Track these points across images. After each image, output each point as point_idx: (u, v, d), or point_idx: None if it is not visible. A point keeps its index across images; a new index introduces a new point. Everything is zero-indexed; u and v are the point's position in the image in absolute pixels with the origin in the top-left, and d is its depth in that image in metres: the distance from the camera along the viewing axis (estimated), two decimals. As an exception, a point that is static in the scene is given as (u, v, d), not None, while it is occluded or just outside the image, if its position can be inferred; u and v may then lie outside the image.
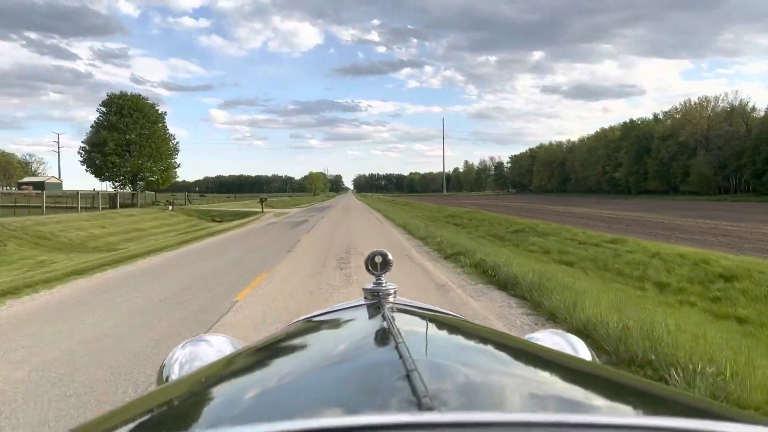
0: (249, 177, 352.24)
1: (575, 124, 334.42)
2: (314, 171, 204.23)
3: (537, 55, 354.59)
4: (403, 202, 66.87)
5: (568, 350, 1.27)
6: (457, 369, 0.70)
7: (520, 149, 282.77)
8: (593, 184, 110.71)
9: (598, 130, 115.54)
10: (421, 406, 0.52)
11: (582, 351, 1.30)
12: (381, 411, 0.54)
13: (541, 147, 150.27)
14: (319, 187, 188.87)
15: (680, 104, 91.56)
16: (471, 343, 0.96)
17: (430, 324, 1.03)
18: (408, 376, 0.60)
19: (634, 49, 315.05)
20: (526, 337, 1.38)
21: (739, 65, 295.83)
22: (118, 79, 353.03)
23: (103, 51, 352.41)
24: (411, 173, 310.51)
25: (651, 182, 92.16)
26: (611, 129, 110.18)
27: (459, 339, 0.98)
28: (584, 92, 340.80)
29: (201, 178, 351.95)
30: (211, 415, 0.66)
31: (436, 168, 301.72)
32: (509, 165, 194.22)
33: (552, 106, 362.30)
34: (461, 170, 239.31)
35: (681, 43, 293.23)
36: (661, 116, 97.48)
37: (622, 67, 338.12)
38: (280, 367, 0.87)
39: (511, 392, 0.64)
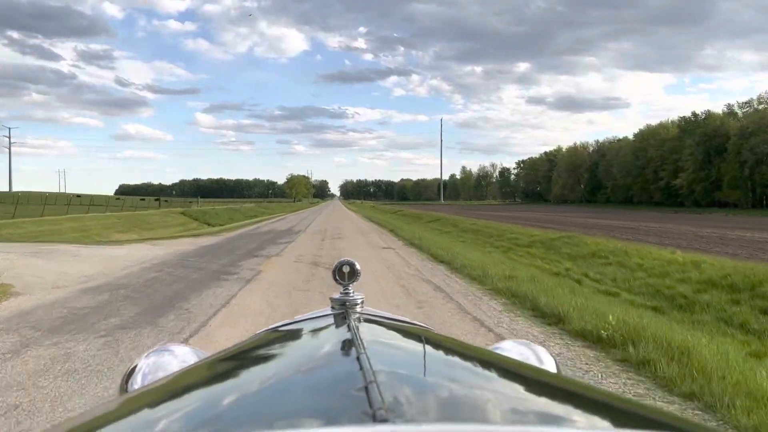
0: (229, 181, 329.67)
1: (561, 135, 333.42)
2: (295, 174, 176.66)
3: (523, 66, 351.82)
4: (431, 217, 40.38)
5: (532, 360, 1.27)
6: (418, 380, 0.70)
7: (505, 159, 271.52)
8: (638, 193, 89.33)
9: (643, 127, 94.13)
10: (375, 418, 0.52)
11: (547, 361, 1.29)
12: (333, 423, 0.54)
13: (558, 150, 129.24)
14: (301, 192, 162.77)
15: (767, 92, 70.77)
16: (435, 353, 0.94)
17: (395, 334, 1.04)
18: (366, 388, 0.59)
19: (618, 63, 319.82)
20: (492, 347, 1.34)
21: (722, 81, 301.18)
22: (102, 80, 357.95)
23: (87, 52, 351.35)
24: (402, 179, 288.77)
25: (728, 192, 71.02)
26: (662, 126, 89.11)
27: (423, 350, 0.95)
28: (569, 104, 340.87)
29: (177, 181, 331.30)
30: (166, 427, 0.65)
31: (423, 175, 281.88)
32: (516, 171, 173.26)
33: (537, 117, 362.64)
34: (458, 177, 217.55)
35: (664, 58, 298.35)
36: (736, 108, 76.56)
37: (607, 80, 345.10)
38: (240, 378, 0.86)
39: (471, 403, 0.64)
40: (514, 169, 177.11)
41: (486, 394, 0.69)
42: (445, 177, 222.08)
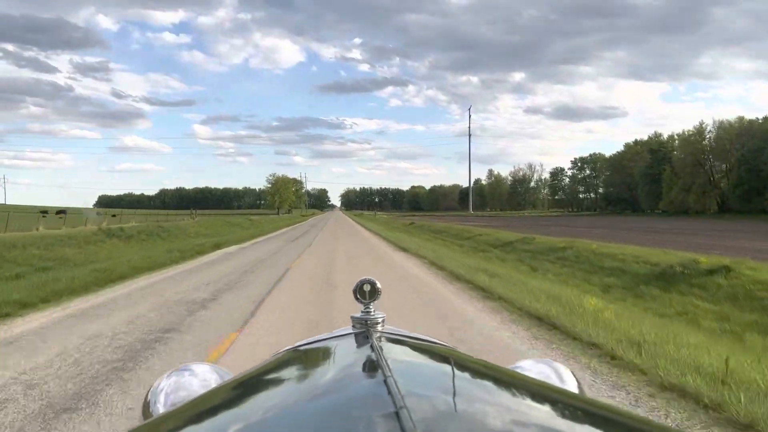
0: (215, 190, 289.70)
1: (559, 144, 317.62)
2: (280, 175, 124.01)
3: (518, 76, 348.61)
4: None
5: (554, 379, 1.27)
6: (448, 404, 0.69)
7: (505, 169, 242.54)
8: None
9: None
10: None
11: (568, 380, 1.29)
12: None
13: (657, 136, 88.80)
14: (289, 200, 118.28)
15: None
16: (461, 374, 0.93)
17: (419, 355, 1.05)
18: (397, 414, 0.58)
19: (613, 72, 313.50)
20: (513, 366, 1.34)
21: (717, 89, 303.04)
22: (98, 93, 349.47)
23: (83, 64, 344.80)
24: (414, 187, 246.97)
25: None
26: None
27: (449, 371, 0.95)
28: (566, 113, 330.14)
29: (158, 191, 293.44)
30: None
31: (422, 185, 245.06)
32: (573, 171, 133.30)
33: (534, 126, 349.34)
34: (484, 182, 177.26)
35: (659, 66, 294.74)
36: None
37: (603, 88, 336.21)
38: (264, 401, 0.86)
39: (500, 427, 0.63)
40: (569, 169, 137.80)
41: (517, 418, 0.69)
42: (463, 184, 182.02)
